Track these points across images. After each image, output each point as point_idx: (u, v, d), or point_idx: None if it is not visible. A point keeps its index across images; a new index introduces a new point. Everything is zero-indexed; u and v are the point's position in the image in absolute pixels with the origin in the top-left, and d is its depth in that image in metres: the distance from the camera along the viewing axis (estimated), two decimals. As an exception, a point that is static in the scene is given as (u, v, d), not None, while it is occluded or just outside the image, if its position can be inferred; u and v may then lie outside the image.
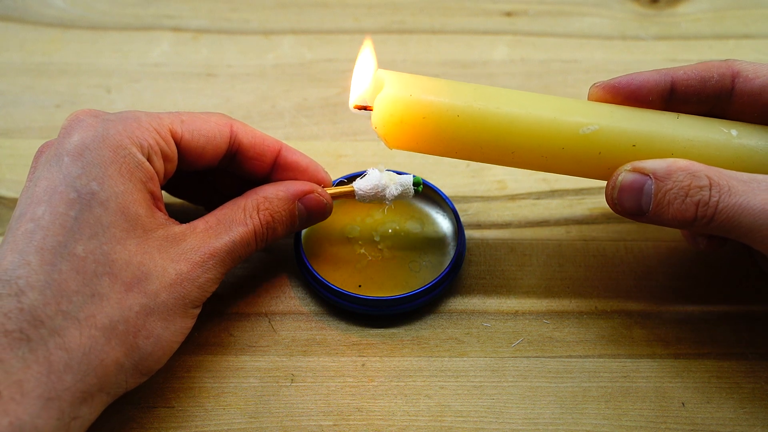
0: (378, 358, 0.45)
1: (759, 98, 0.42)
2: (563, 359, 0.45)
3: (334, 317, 0.47)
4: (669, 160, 0.40)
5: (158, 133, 0.41)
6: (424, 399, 0.43)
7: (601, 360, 0.45)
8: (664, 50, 0.63)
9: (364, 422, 0.42)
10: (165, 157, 0.41)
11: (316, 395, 0.43)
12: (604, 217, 0.52)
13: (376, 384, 0.44)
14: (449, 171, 0.54)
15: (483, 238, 0.51)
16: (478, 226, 0.52)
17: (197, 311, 0.41)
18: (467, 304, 0.47)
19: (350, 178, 0.48)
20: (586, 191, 0.53)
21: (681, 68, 0.43)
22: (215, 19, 0.65)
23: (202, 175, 0.47)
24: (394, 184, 0.46)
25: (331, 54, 0.63)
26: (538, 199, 0.53)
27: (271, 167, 0.45)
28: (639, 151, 0.42)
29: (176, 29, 0.64)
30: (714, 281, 0.48)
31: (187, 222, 0.41)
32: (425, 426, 0.42)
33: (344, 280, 0.47)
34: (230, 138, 0.43)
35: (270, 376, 0.44)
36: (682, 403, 0.43)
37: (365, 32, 0.64)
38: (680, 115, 0.43)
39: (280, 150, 0.45)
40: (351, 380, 0.44)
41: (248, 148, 0.44)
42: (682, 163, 0.40)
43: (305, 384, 0.44)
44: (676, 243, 0.50)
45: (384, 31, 0.64)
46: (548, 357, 0.45)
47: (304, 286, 0.48)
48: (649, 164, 0.40)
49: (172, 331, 0.39)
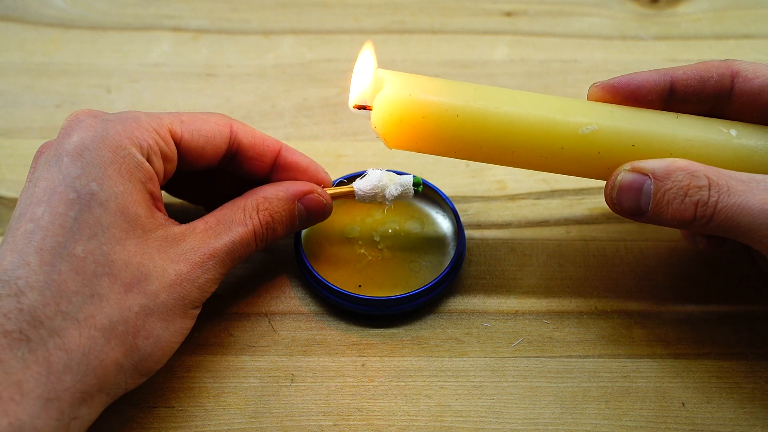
0: (378, 358, 0.45)
1: (758, 98, 0.42)
2: (563, 359, 0.45)
3: (334, 317, 0.47)
4: (668, 160, 0.40)
5: (158, 133, 0.41)
6: (424, 399, 0.43)
7: (601, 360, 0.45)
8: (664, 50, 0.63)
9: (364, 422, 0.42)
10: (165, 158, 0.41)
11: (316, 395, 0.43)
12: (604, 217, 0.52)
13: (376, 384, 0.44)
14: (449, 171, 0.54)
15: (483, 238, 0.51)
16: (478, 226, 0.52)
17: (197, 312, 0.41)
18: (467, 304, 0.47)
19: (350, 178, 0.48)
20: (586, 191, 0.53)
21: (680, 68, 0.43)
22: (215, 19, 0.65)
23: (202, 175, 0.47)
24: (394, 184, 0.46)
25: (331, 54, 0.63)
26: (538, 199, 0.53)
27: (271, 167, 0.45)
28: (638, 150, 0.42)
29: (176, 29, 0.64)
30: (714, 281, 0.48)
31: (187, 222, 0.41)
32: (425, 426, 0.42)
33: (344, 280, 0.47)
34: (230, 138, 0.43)
35: (270, 376, 0.44)
36: (682, 403, 0.43)
37: (365, 32, 0.64)
38: (679, 114, 0.43)
39: (279, 150, 0.45)
40: (351, 380, 0.44)
41: (248, 148, 0.44)
42: (681, 162, 0.40)
43: (305, 384, 0.44)
44: (676, 243, 0.50)
45: (384, 31, 0.64)
46: (548, 357, 0.45)
47: (304, 286, 0.48)
48: (648, 164, 0.40)
49: (171, 332, 0.39)
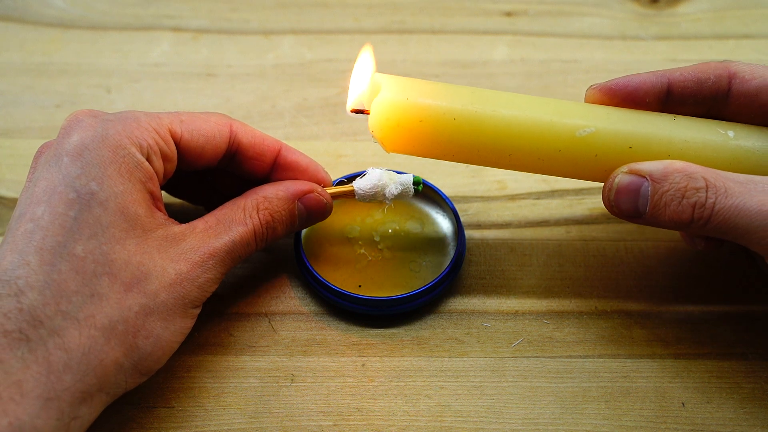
0: (378, 358, 0.45)
1: (755, 99, 0.42)
2: (563, 359, 0.45)
3: (334, 317, 0.47)
4: (665, 162, 0.40)
5: (157, 133, 0.41)
6: (424, 399, 0.43)
7: (601, 360, 0.45)
8: (664, 50, 0.63)
9: (364, 422, 0.42)
10: (164, 157, 0.41)
11: (316, 395, 0.43)
12: (604, 217, 0.52)
13: (376, 384, 0.44)
14: (449, 171, 0.54)
15: (483, 238, 0.51)
16: (478, 226, 0.52)
17: (197, 311, 0.41)
18: (467, 304, 0.47)
19: (350, 178, 0.48)
20: (586, 191, 0.53)
21: (677, 70, 0.43)
22: (215, 19, 0.65)
23: (202, 175, 0.47)
24: (394, 184, 0.45)
25: (331, 54, 0.63)
26: (538, 199, 0.53)
27: (271, 167, 0.45)
28: (635, 153, 0.42)
29: (176, 29, 0.64)
30: (714, 281, 0.48)
31: (187, 222, 0.41)
32: (425, 426, 0.42)
33: (344, 280, 0.47)
34: (230, 138, 0.43)
35: (270, 376, 0.44)
36: (682, 403, 0.43)
37: (365, 32, 0.64)
38: (677, 116, 0.43)
39: (279, 150, 0.45)
40: (351, 380, 0.44)
41: (248, 147, 0.44)
42: (678, 164, 0.40)
43: (305, 384, 0.44)
44: (675, 243, 0.50)
45: (384, 31, 0.64)
46: (548, 357, 0.45)
47: (304, 286, 0.48)
48: (645, 166, 0.40)
49: (171, 331, 0.39)
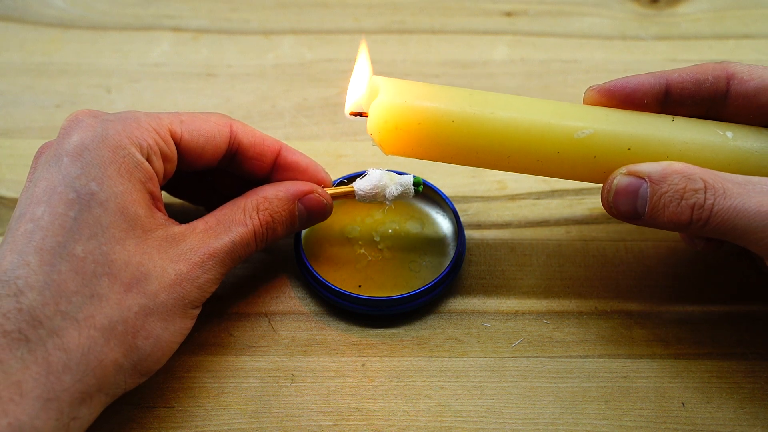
0: (378, 358, 0.45)
1: (754, 100, 0.42)
2: (563, 359, 0.45)
3: (334, 317, 0.47)
4: (664, 163, 0.40)
5: (157, 133, 0.41)
6: (424, 399, 0.43)
7: (601, 360, 0.45)
8: (664, 50, 0.63)
9: (364, 422, 0.42)
10: (164, 158, 0.41)
11: (316, 395, 0.43)
12: (604, 217, 0.52)
13: (376, 384, 0.44)
14: (449, 171, 0.54)
15: (483, 238, 0.51)
16: (478, 226, 0.51)
17: (197, 312, 0.41)
18: (467, 304, 0.47)
19: (350, 178, 0.48)
20: (586, 191, 0.53)
21: (676, 71, 0.43)
22: (215, 19, 0.65)
23: (202, 175, 0.47)
24: (394, 184, 0.45)
25: (331, 54, 0.63)
26: (538, 199, 0.53)
27: (271, 167, 0.45)
28: (634, 154, 0.41)
29: (176, 29, 0.64)
30: (714, 281, 0.48)
31: (187, 222, 0.41)
32: (425, 426, 0.42)
33: (344, 280, 0.47)
34: (230, 138, 0.43)
35: (270, 376, 0.44)
36: (682, 403, 0.43)
37: (365, 32, 0.64)
38: (675, 117, 0.43)
39: (279, 150, 0.45)
40: (351, 380, 0.44)
41: (248, 148, 0.44)
42: (677, 166, 0.40)
43: (305, 384, 0.44)
44: (675, 243, 0.50)
45: (384, 31, 0.64)
46: (548, 357, 0.45)
47: (304, 286, 0.48)
48: (644, 167, 0.40)
49: (171, 332, 0.39)
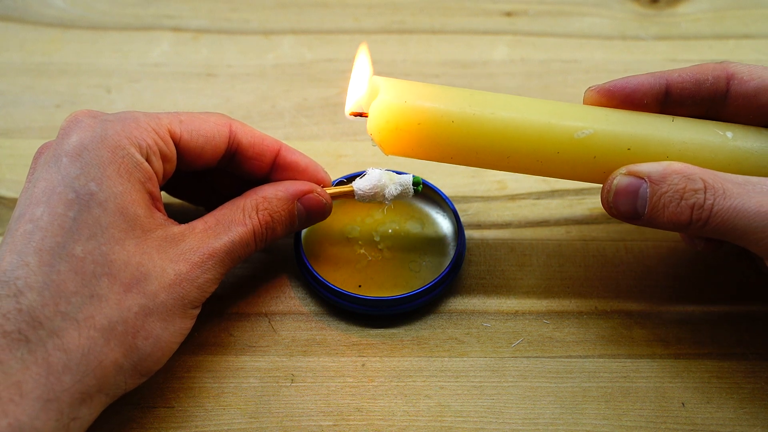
0: (378, 358, 0.45)
1: (754, 100, 0.42)
2: (563, 359, 0.45)
3: (334, 317, 0.47)
4: (664, 164, 0.40)
5: (157, 133, 0.41)
6: (424, 399, 0.43)
7: (601, 360, 0.45)
8: (664, 50, 0.63)
9: (364, 422, 0.42)
10: (164, 158, 0.41)
11: (316, 395, 0.43)
12: (604, 217, 0.52)
13: (376, 384, 0.44)
14: (449, 171, 0.54)
15: (483, 238, 0.51)
16: (478, 226, 0.51)
17: (196, 312, 0.41)
18: (467, 304, 0.47)
19: (350, 178, 0.48)
20: (586, 191, 0.53)
21: (675, 71, 0.43)
22: (215, 19, 0.65)
23: (201, 175, 0.47)
24: (394, 184, 0.45)
25: (331, 54, 0.63)
26: (538, 199, 0.53)
27: (271, 167, 0.45)
28: (634, 154, 0.41)
29: (176, 29, 0.64)
30: (714, 281, 0.48)
31: (187, 222, 0.41)
32: (425, 426, 0.42)
33: (344, 280, 0.47)
34: (229, 138, 0.43)
35: (270, 376, 0.44)
36: (682, 403, 0.43)
37: (365, 32, 0.64)
38: (675, 117, 0.43)
39: (279, 150, 0.45)
40: (351, 380, 0.44)
41: (247, 147, 0.44)
42: (677, 166, 0.40)
43: (305, 384, 0.44)
44: (675, 243, 0.50)
45: (384, 31, 0.64)
46: (548, 357, 0.45)
47: (304, 286, 0.48)
48: (644, 167, 0.40)
49: (171, 332, 0.39)
